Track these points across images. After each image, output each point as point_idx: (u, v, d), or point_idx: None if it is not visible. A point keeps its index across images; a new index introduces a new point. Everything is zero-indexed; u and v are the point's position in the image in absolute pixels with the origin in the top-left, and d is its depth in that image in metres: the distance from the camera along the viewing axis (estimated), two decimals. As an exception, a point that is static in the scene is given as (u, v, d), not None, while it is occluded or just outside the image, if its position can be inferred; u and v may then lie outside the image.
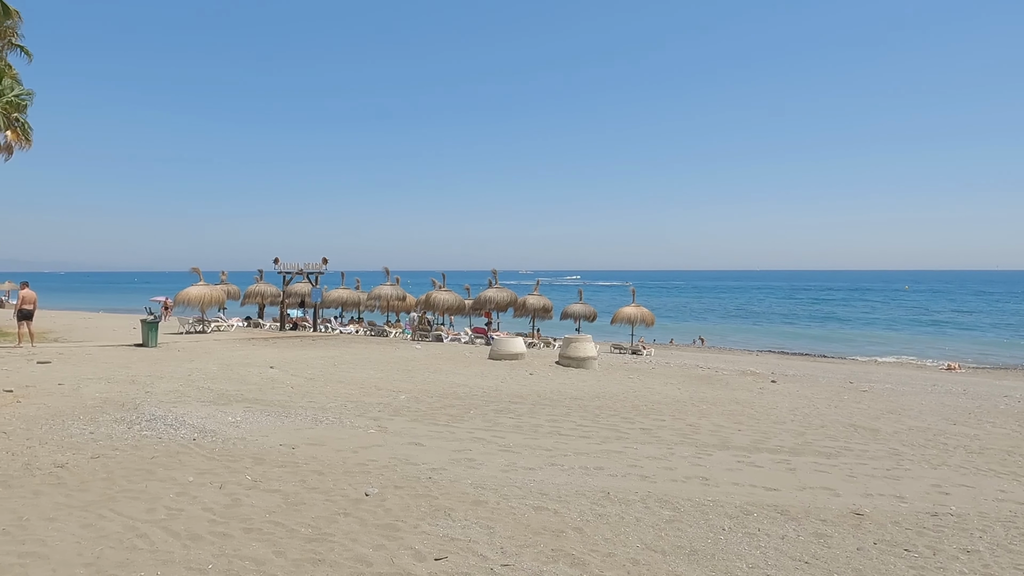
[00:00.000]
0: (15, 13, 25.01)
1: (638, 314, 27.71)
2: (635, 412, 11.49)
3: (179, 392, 11.85)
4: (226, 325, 29.45)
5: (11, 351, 17.37)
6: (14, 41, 26.29)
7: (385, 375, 15.12)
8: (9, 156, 27.58)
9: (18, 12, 25.11)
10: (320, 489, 6.55)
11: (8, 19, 24.66)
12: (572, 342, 18.65)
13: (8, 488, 6.21)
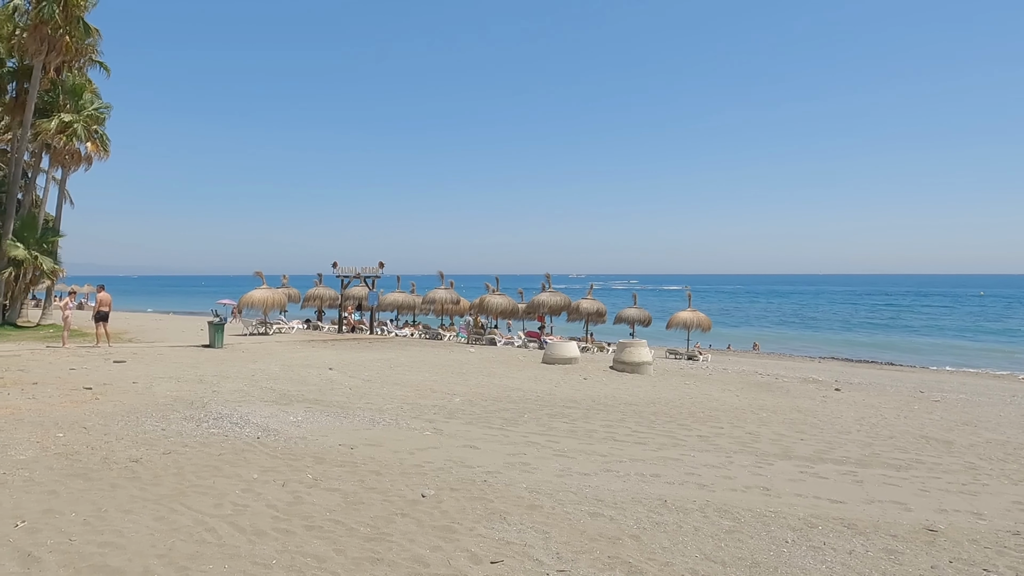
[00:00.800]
0: (95, 31, 26.49)
1: (694, 319, 27.24)
2: (692, 419, 11.27)
3: (244, 392, 12.27)
4: (287, 327, 30.38)
5: (90, 351, 18.36)
6: (94, 58, 27.86)
7: (440, 378, 15.29)
8: (89, 166, 29.21)
9: (98, 30, 26.60)
10: (378, 489, 6.66)
11: (88, 37, 26.15)
12: (626, 347, 18.45)
13: (88, 480, 6.55)
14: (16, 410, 9.72)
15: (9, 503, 5.79)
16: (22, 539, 5.01)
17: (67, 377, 13.17)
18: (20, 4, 24.93)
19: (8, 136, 29.44)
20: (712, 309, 39.80)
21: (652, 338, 24.55)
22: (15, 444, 7.77)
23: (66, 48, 25.23)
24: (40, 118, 26.42)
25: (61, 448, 7.70)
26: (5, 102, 27.51)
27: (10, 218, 25.68)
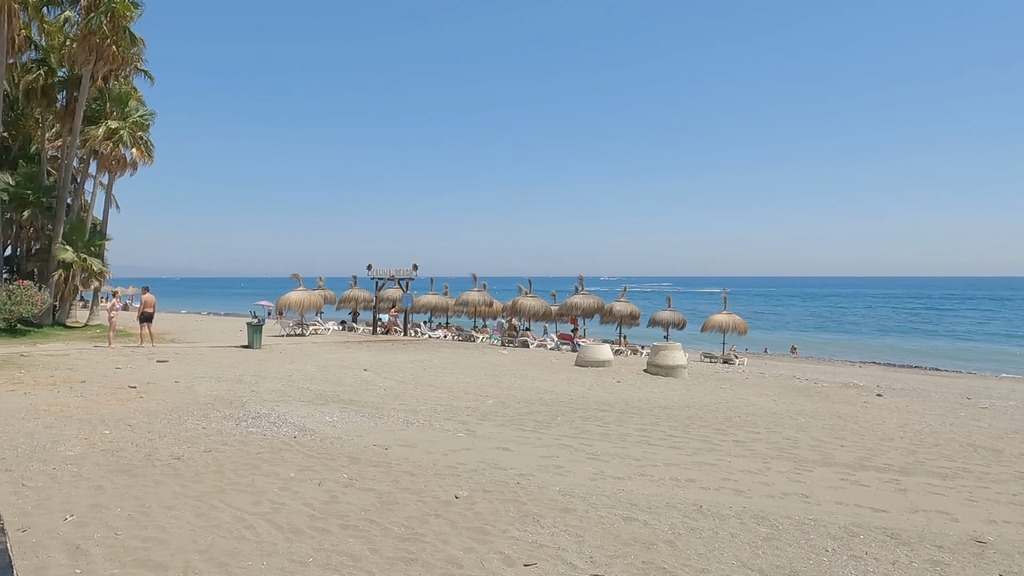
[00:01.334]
0: (140, 41, 27.30)
1: (730, 322, 26.83)
2: (727, 423, 11.10)
3: (281, 392, 12.49)
4: (323, 328, 30.85)
5: (134, 350, 18.90)
6: (139, 66, 28.70)
7: (473, 380, 15.34)
8: (134, 171, 30.11)
9: (143, 40, 27.40)
10: (412, 490, 6.72)
11: (134, 47, 26.96)
12: (661, 350, 18.27)
13: (133, 477, 6.74)
14: (66, 407, 10.06)
15: (59, 497, 6.00)
16: (71, 532, 5.18)
17: (113, 376, 13.58)
18: (70, 16, 25.85)
19: (59, 143, 30.55)
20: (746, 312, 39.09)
21: (687, 341, 24.26)
22: (65, 440, 8.04)
23: (113, 57, 26.06)
24: (88, 125, 27.33)
25: (107, 445, 7.94)
26: (56, 110, 28.55)
27: (60, 222, 26.62)
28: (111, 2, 25.13)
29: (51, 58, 27.37)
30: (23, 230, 28.68)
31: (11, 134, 29.24)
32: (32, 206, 27.11)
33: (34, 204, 27.06)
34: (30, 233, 29.26)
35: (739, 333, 27.04)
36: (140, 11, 26.41)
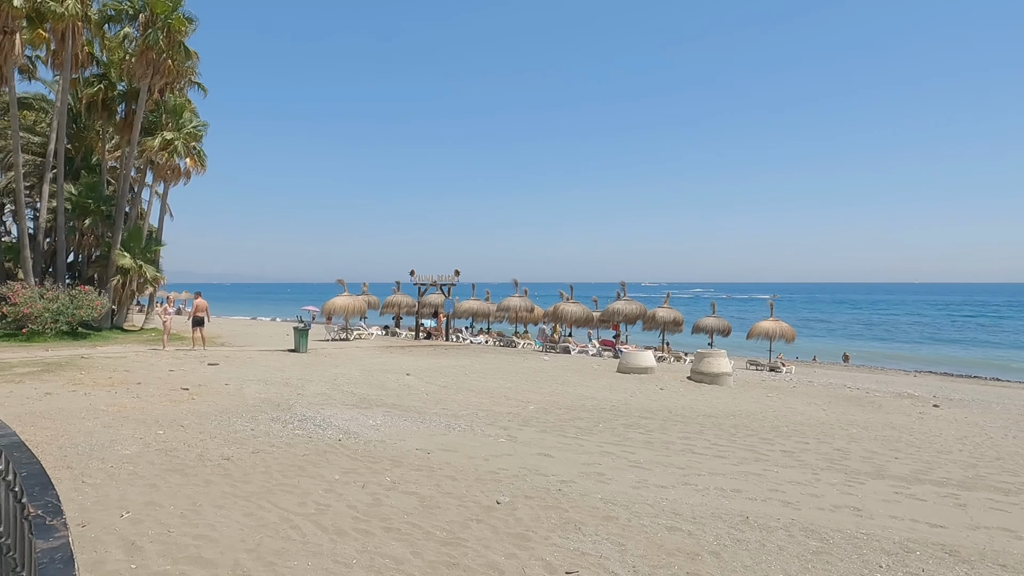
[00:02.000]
0: (194, 54, 28.30)
1: (777, 329, 26.22)
2: (775, 433, 10.83)
3: (326, 395, 12.72)
4: (367, 333, 31.31)
5: (187, 353, 19.52)
6: (193, 79, 29.75)
7: (514, 385, 15.35)
8: (188, 180, 31.18)
9: (196, 53, 28.39)
10: (454, 494, 6.75)
11: (188, 60, 27.96)
12: (705, 357, 17.96)
13: (185, 476, 6.95)
14: (123, 408, 10.45)
15: (116, 494, 6.22)
16: (126, 528, 5.37)
17: (166, 378, 14.05)
18: (129, 32, 26.96)
19: (118, 154, 31.86)
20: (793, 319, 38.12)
21: (731, 348, 23.78)
22: (121, 440, 8.35)
23: (168, 71, 27.09)
24: (145, 136, 28.43)
25: (161, 444, 8.21)
26: (116, 123, 29.79)
27: (119, 230, 27.74)
28: (167, 18, 26.14)
29: (111, 73, 28.60)
30: (84, 237, 29.96)
31: (74, 146, 30.61)
32: (93, 215, 28.33)
33: (95, 213, 28.28)
34: (91, 240, 30.55)
35: (786, 340, 26.41)
36: (194, 26, 27.40)
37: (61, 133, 26.59)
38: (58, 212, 26.92)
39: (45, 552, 1.36)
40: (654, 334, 29.18)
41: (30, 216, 29.17)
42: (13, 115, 25.57)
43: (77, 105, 28.99)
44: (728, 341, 27.83)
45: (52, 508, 1.58)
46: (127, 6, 26.63)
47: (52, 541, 1.41)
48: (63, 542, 1.41)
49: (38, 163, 29.71)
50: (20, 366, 15.22)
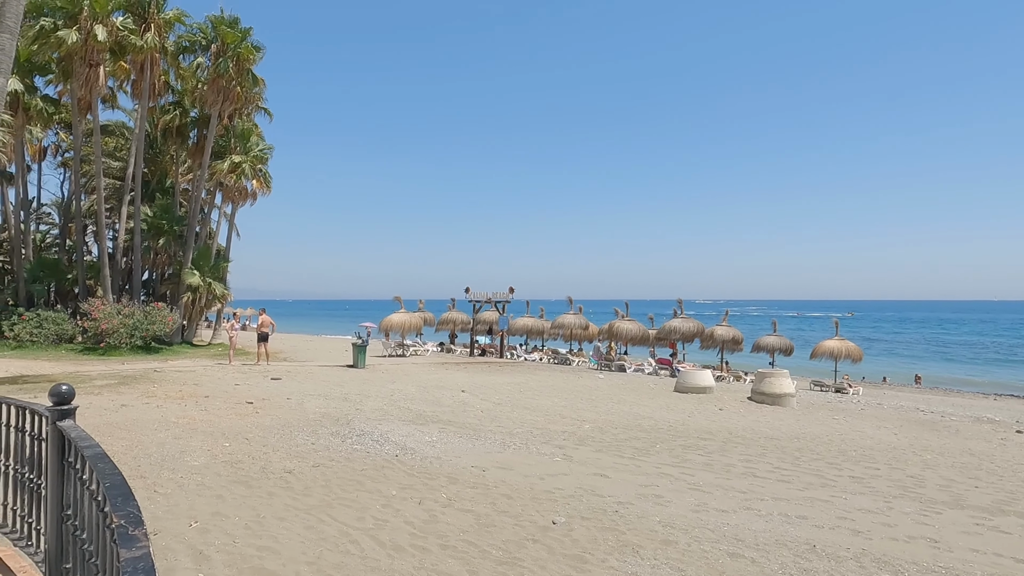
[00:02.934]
0: (261, 81, 29.56)
1: (842, 348, 25.24)
2: (842, 457, 10.39)
3: (383, 411, 12.91)
4: (422, 350, 31.70)
5: (251, 368, 20.19)
6: (259, 104, 31.04)
7: (569, 403, 15.23)
8: (254, 201, 32.45)
9: (263, 80, 29.64)
10: (509, 513, 6.72)
11: (256, 87, 29.22)
12: (766, 377, 17.43)
13: (249, 488, 7.16)
14: (192, 420, 10.87)
15: (185, 504, 6.46)
16: (195, 538, 5.56)
17: (232, 392, 14.55)
18: (202, 62, 28.40)
19: (189, 176, 33.46)
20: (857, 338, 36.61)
21: (794, 368, 23.00)
22: (191, 451, 8.67)
23: (237, 97, 28.38)
24: (215, 160, 29.79)
25: (227, 456, 8.49)
26: (188, 147, 31.33)
27: (189, 249, 29.05)
28: (237, 47, 27.43)
29: (185, 100, 30.17)
30: (158, 256, 31.50)
31: (150, 170, 32.31)
32: (166, 235, 29.79)
33: (168, 233, 29.73)
34: (164, 259, 32.08)
35: (853, 360, 25.36)
36: (262, 54, 28.65)
37: (139, 158, 28.14)
38: (135, 232, 28.41)
39: (128, 561, 1.42)
40: (712, 353, 28.49)
41: (109, 236, 30.86)
42: (96, 142, 27.25)
43: (154, 131, 30.67)
44: (790, 361, 26.94)
45: (133, 519, 1.66)
46: (200, 37, 28.09)
47: (134, 551, 1.48)
48: (144, 552, 1.48)
49: (117, 186, 31.49)
50: (99, 379, 16.04)
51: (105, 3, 24.92)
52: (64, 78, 26.38)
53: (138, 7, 26.42)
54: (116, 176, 32.28)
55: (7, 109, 23.67)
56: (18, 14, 9.65)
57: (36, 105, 26.93)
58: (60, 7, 24.62)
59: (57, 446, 3.26)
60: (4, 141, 24.85)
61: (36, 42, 24.45)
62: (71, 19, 24.59)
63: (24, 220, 30.80)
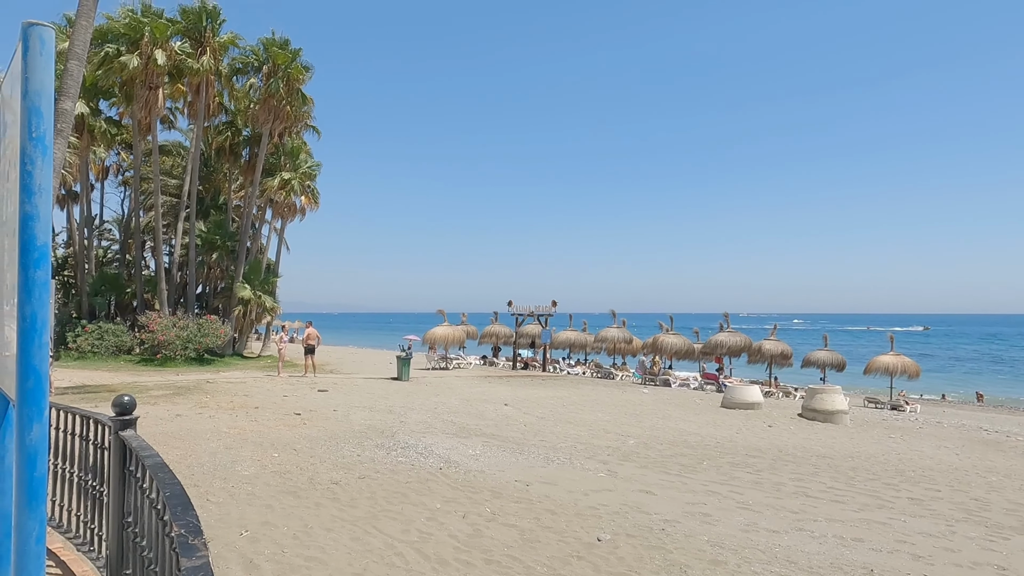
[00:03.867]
0: (310, 100, 30.41)
1: (898, 363, 24.33)
2: (900, 478, 9.99)
3: (427, 423, 13.00)
4: (465, 363, 31.85)
5: (299, 380, 20.60)
6: (308, 123, 31.94)
7: (613, 418, 15.07)
8: (303, 216, 33.29)
9: (312, 99, 30.49)
10: (553, 529, 6.67)
11: (305, 105, 30.06)
12: (817, 393, 16.92)
13: (297, 498, 7.29)
14: (242, 430, 11.14)
15: (236, 513, 6.61)
16: (245, 547, 5.68)
17: (281, 403, 14.87)
18: (254, 82, 29.42)
19: (241, 193, 34.57)
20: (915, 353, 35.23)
21: (847, 384, 22.29)
22: (241, 461, 8.88)
23: (287, 116, 29.28)
24: (265, 177, 30.72)
25: (276, 467, 8.67)
26: (240, 165, 32.42)
27: (241, 263, 29.95)
28: (287, 68, 28.32)
29: (238, 120, 31.27)
30: (211, 271, 32.59)
31: (204, 187, 33.52)
32: (219, 250, 30.80)
33: (221, 248, 30.73)
34: (217, 273, 33.17)
35: (909, 376, 24.41)
36: (311, 74, 29.52)
37: (194, 176, 29.23)
38: (190, 248, 29.45)
39: (189, 571, 1.46)
40: (760, 368, 27.84)
41: (166, 251, 32.04)
42: (155, 161, 28.42)
43: (208, 150, 31.84)
44: (843, 376, 26.09)
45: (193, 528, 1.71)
46: (253, 59, 29.12)
47: (195, 560, 1.52)
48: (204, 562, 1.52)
49: (174, 203, 32.76)
50: (155, 389, 16.61)
51: (164, 29, 26.10)
52: (126, 101, 27.67)
53: (195, 32, 27.57)
54: (173, 193, 33.58)
55: (73, 131, 24.89)
56: (85, 42, 10.19)
57: (100, 127, 28.31)
58: (123, 34, 25.89)
59: (119, 455, 3.38)
60: (70, 162, 26.15)
61: (101, 67, 25.73)
62: (133, 45, 25.82)
63: (87, 237, 32.29)
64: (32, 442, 1.97)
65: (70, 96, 9.88)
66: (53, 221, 2.72)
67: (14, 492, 1.98)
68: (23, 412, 1.98)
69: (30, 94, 1.99)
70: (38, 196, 2.03)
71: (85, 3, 10.10)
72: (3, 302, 2.54)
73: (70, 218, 33.21)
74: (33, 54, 1.99)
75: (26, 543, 1.93)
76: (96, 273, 31.65)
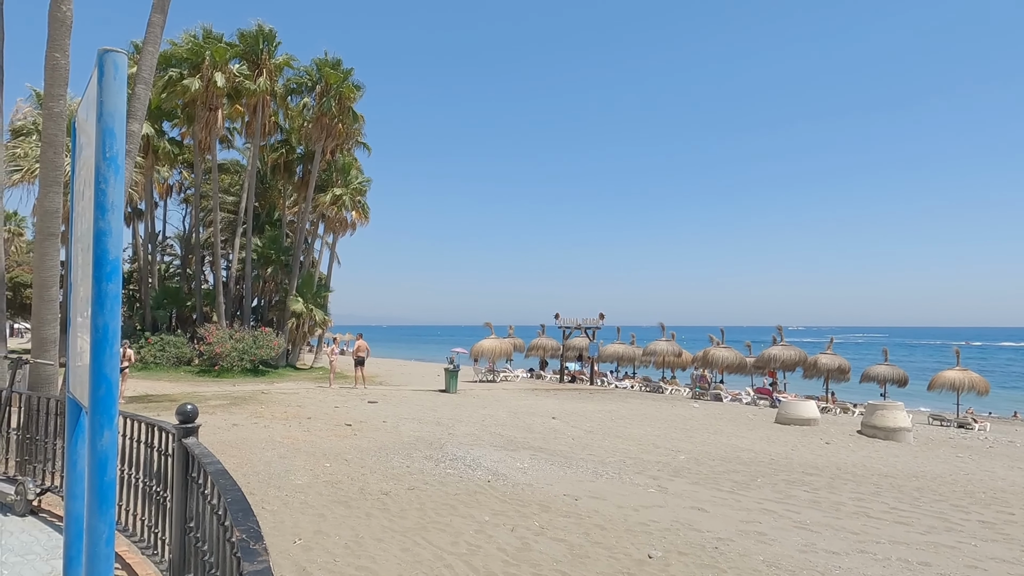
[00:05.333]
0: (361, 118, 31.16)
1: (965, 379, 23.24)
2: (970, 500, 9.49)
3: (475, 436, 13.03)
4: (512, 375, 31.86)
5: (350, 391, 20.97)
6: (359, 140, 32.70)
7: (663, 433, 14.82)
8: (354, 231, 34.03)
9: (363, 116, 31.25)
10: (603, 544, 6.58)
11: (356, 123, 30.82)
12: (878, 409, 16.28)
13: (349, 508, 7.40)
14: (295, 440, 11.39)
15: (290, 521, 6.75)
16: (299, 555, 5.79)
17: (332, 414, 15.15)
18: (308, 102, 30.34)
19: (295, 209, 35.59)
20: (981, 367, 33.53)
21: (909, 401, 21.37)
22: (295, 471, 9.08)
23: (339, 134, 30.08)
24: (318, 193, 31.57)
25: (328, 477, 8.82)
26: (294, 182, 33.42)
27: (294, 277, 30.77)
28: (339, 87, 29.13)
29: (292, 138, 32.29)
30: (266, 284, 33.58)
31: (260, 204, 34.66)
32: (274, 264, 31.73)
33: (276, 262, 31.66)
34: (271, 287, 34.15)
35: (978, 393, 23.28)
36: (362, 92, 30.28)
37: (251, 193, 30.25)
38: (246, 262, 30.43)
39: (251, 575, 1.50)
40: (815, 382, 27.00)
41: (224, 266, 33.21)
42: (214, 179, 29.54)
43: (264, 167, 32.93)
44: (904, 392, 25.07)
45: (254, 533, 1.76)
46: (307, 79, 30.07)
47: (256, 564, 1.56)
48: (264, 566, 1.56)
49: (231, 219, 33.96)
50: (213, 399, 17.15)
51: (224, 52, 27.21)
52: (188, 122, 28.92)
53: (252, 54, 28.66)
54: (230, 210, 34.82)
55: (139, 152, 26.14)
56: (152, 67, 10.70)
57: (163, 147, 29.64)
58: (185, 58, 27.11)
59: (182, 462, 3.50)
60: (136, 180, 27.42)
61: (165, 90, 26.98)
62: (194, 68, 27.00)
63: (151, 252, 33.72)
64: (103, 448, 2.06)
65: (137, 118, 10.37)
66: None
67: (86, 496, 2.07)
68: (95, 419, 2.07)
69: (104, 116, 2.10)
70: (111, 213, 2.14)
71: (152, 31, 10.63)
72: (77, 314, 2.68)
73: (135, 234, 34.78)
74: (108, 79, 2.10)
75: (96, 545, 2.01)
76: (159, 287, 33.00)
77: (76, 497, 2.67)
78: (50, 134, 9.10)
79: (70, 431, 2.79)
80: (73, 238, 2.76)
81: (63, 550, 2.72)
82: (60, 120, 9.18)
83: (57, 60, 9.00)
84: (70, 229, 2.90)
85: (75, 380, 2.68)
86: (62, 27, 8.97)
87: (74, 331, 2.70)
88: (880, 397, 23.95)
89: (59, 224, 9.37)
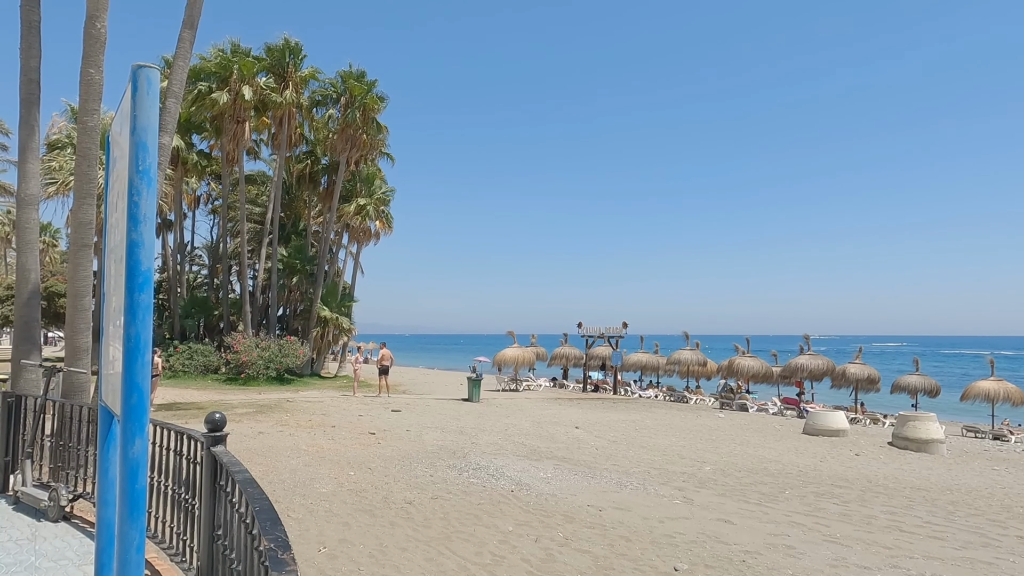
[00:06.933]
0: (384, 129, 31.48)
1: (999, 390, 22.64)
2: (1007, 514, 9.22)
3: (498, 445, 13.00)
4: (535, 384, 31.76)
5: (373, 400, 21.07)
6: (383, 150, 33.02)
7: (688, 443, 14.64)
8: (377, 241, 34.32)
9: (387, 127, 31.57)
10: (628, 556, 6.50)
11: (380, 134, 31.13)
12: (909, 420, 15.92)
13: (373, 517, 7.41)
14: (320, 448, 11.47)
15: (315, 529, 6.79)
16: (324, 563, 5.81)
17: (356, 422, 15.23)
18: (333, 113, 30.74)
19: (320, 219, 36.00)
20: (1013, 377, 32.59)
21: (941, 411, 20.86)
22: (319, 479, 9.13)
23: (363, 144, 30.41)
24: (342, 203, 31.90)
25: (352, 485, 8.86)
26: (319, 192, 33.82)
27: (319, 286, 31.07)
28: (363, 98, 29.48)
29: (317, 149, 32.73)
30: (291, 293, 33.94)
31: (286, 214, 35.13)
32: (299, 273, 32.09)
33: (301, 272, 32.01)
34: (296, 296, 34.50)
35: (1013, 404, 22.65)
36: (385, 104, 30.62)
37: (277, 204, 30.68)
38: (272, 272, 30.82)
39: (278, 583, 1.51)
40: (844, 392, 26.47)
41: (250, 275, 33.67)
42: (241, 190, 30.03)
43: (289, 178, 33.39)
44: (937, 403, 24.48)
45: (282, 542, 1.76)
46: (331, 91, 30.48)
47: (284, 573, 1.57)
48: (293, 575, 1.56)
49: (258, 230, 34.45)
50: (239, 407, 17.35)
51: (251, 66, 27.71)
52: (216, 134, 29.46)
53: (278, 67, 29.14)
54: (257, 220, 35.33)
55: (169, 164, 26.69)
56: (182, 81, 10.93)
57: (192, 159, 30.23)
58: (214, 72, 27.67)
59: (210, 470, 3.54)
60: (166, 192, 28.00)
61: (194, 104, 27.55)
62: (222, 82, 27.54)
63: (180, 262, 34.33)
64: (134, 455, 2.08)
65: (168, 131, 10.59)
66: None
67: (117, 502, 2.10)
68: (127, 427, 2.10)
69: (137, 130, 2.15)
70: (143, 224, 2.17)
71: (182, 46, 10.86)
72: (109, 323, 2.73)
73: (164, 245, 35.43)
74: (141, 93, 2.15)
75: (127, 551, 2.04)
76: (187, 296, 33.56)
77: (108, 504, 2.70)
78: (84, 147, 9.32)
79: (102, 438, 2.83)
80: (106, 249, 2.82)
81: (95, 556, 2.75)
82: (94, 134, 9.40)
83: (91, 75, 9.24)
84: (103, 240, 2.96)
85: (107, 388, 2.73)
86: (96, 43, 9.21)
87: (106, 340, 2.75)
88: (911, 408, 23.42)
89: (92, 235, 9.58)
